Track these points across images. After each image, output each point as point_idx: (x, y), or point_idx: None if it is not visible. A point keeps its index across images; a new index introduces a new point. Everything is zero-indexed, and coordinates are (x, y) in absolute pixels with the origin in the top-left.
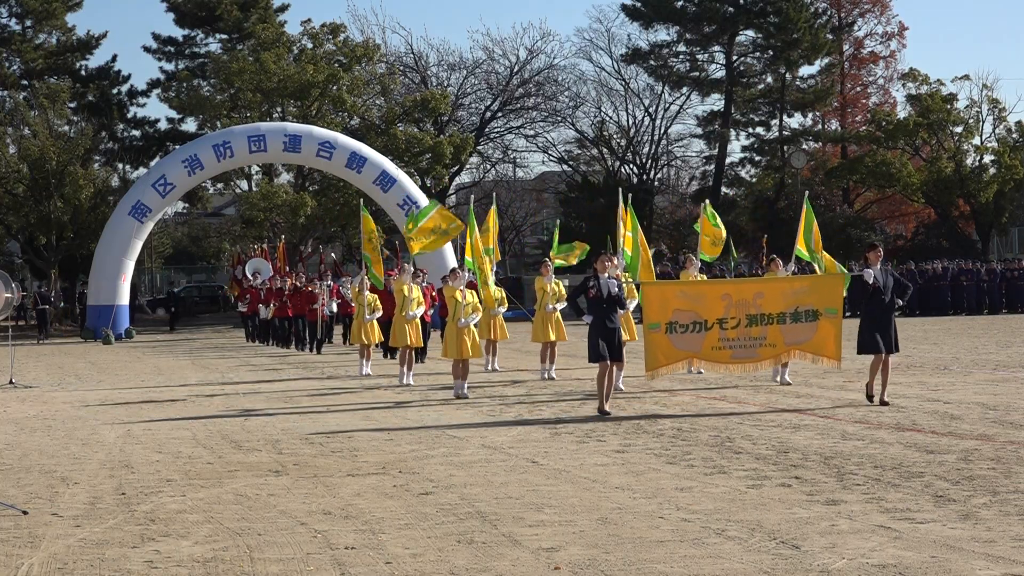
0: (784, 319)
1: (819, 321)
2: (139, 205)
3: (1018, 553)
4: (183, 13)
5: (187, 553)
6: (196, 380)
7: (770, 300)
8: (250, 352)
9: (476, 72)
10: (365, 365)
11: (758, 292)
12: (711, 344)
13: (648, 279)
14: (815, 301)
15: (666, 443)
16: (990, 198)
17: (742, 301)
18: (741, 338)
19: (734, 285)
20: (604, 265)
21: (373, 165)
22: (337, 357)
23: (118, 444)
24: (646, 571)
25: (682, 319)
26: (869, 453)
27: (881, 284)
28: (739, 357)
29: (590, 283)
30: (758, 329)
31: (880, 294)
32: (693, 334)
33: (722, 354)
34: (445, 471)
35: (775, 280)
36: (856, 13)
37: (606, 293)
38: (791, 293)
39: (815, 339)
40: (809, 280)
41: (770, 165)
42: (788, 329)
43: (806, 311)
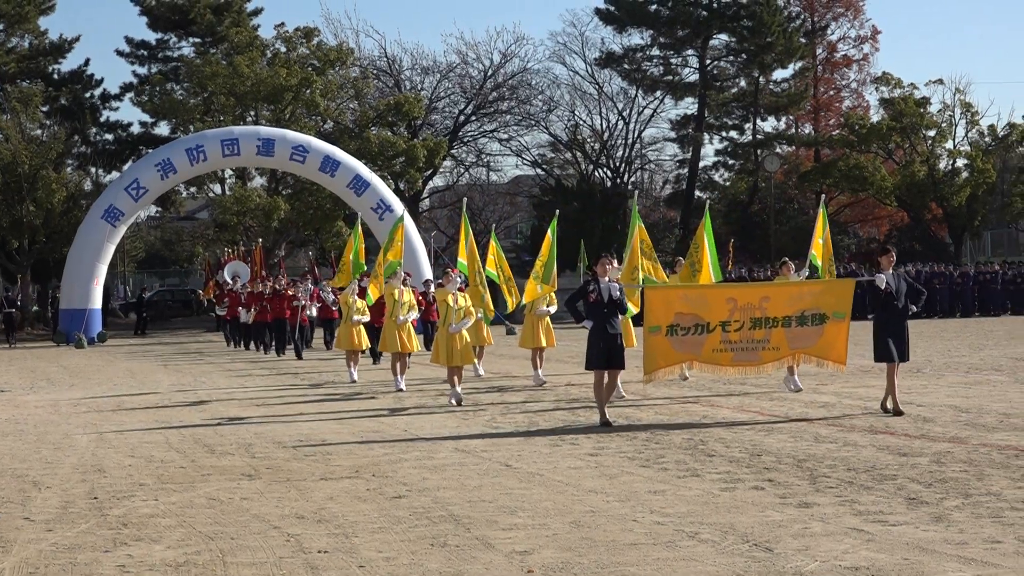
0: (790, 322)
1: (825, 324)
2: (112, 209)
3: (990, 555)
4: (156, 17)
5: (159, 557)
6: (169, 384)
7: (777, 304)
8: (228, 357)
9: (450, 76)
10: (353, 371)
11: (765, 296)
12: (712, 346)
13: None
14: (824, 305)
15: (639, 446)
16: (963, 202)
17: (748, 305)
18: (743, 340)
19: (740, 289)
20: (604, 268)
21: (347, 169)
22: (317, 362)
23: (90, 448)
24: (619, 574)
25: (684, 322)
26: (842, 456)
27: (893, 289)
28: (740, 360)
29: (590, 287)
30: (762, 332)
31: (893, 299)
32: (694, 336)
33: (723, 356)
34: (418, 474)
35: (784, 284)
36: (829, 17)
37: (607, 297)
38: (799, 297)
39: (820, 342)
40: (820, 284)
41: (743, 169)
42: (793, 332)
43: (813, 315)
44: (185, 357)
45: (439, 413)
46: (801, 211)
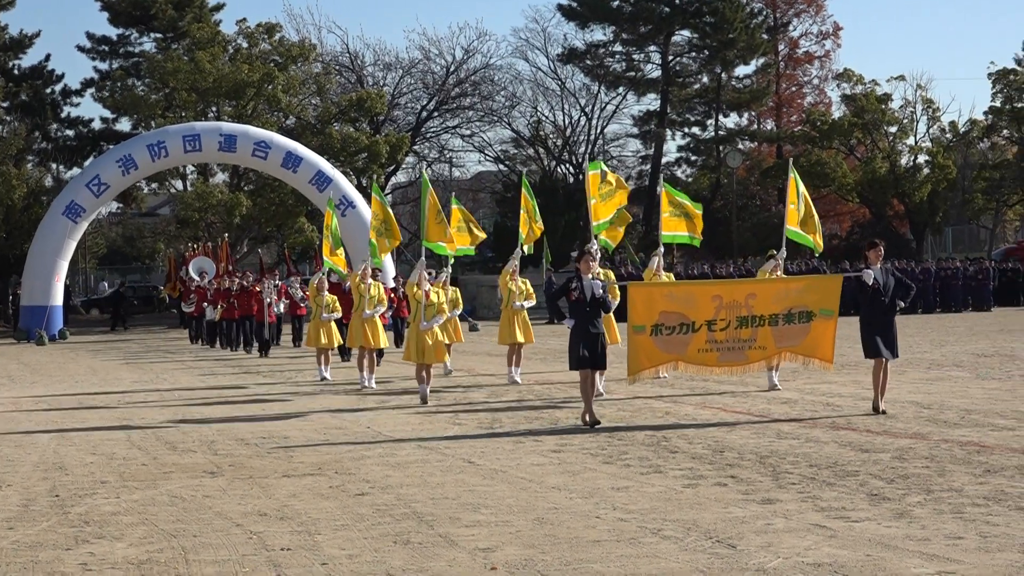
0: (776, 321)
1: (812, 322)
2: (73, 205)
3: (952, 551)
4: (117, 12)
5: (121, 555)
6: (131, 381)
7: (763, 302)
8: (193, 354)
9: (412, 72)
10: (324, 369)
11: (751, 293)
12: (698, 346)
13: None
14: (811, 302)
15: (602, 443)
16: (924, 198)
17: (733, 303)
18: (730, 340)
19: (726, 286)
20: (588, 265)
21: (309, 165)
22: (285, 360)
23: (52, 446)
24: (582, 571)
25: (668, 321)
26: (804, 452)
27: (881, 285)
28: (727, 360)
29: (572, 285)
30: (748, 331)
31: (880, 295)
32: (679, 336)
33: (709, 356)
34: (381, 472)
35: (770, 281)
36: (791, 13)
37: (589, 295)
38: (786, 294)
39: (807, 340)
40: (806, 280)
41: (706, 165)
42: (779, 331)
43: (800, 312)
44: (148, 354)
45: (403, 410)
46: (763, 207)
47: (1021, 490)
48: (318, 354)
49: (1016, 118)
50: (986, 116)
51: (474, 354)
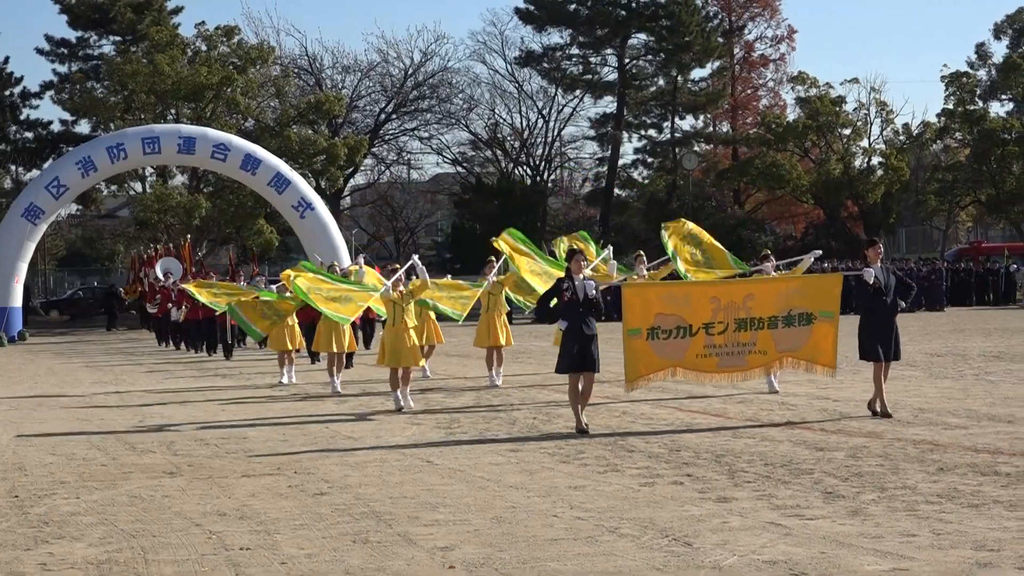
0: (776, 323)
1: (813, 325)
2: (32, 207)
3: (906, 548)
4: (76, 15)
5: (81, 555)
6: (91, 382)
7: (761, 303)
8: (157, 356)
9: (370, 75)
10: (286, 373)
11: (749, 294)
12: (696, 351)
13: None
14: (810, 303)
15: (559, 442)
16: (878, 199)
17: (731, 304)
18: (729, 344)
19: (723, 287)
20: (579, 266)
21: (268, 167)
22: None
23: (11, 446)
24: (540, 569)
25: (665, 323)
26: (759, 451)
27: (883, 284)
28: (726, 365)
29: (564, 285)
30: (747, 334)
31: (881, 295)
32: (677, 340)
33: (708, 362)
34: (340, 471)
35: (768, 280)
36: (747, 17)
37: (582, 296)
38: (784, 294)
39: (809, 345)
40: (803, 280)
41: (662, 167)
42: (780, 334)
43: (799, 314)
44: (107, 356)
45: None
46: (719, 208)
47: (974, 488)
48: (280, 357)
49: (968, 120)
50: (939, 118)
51: (459, 356)
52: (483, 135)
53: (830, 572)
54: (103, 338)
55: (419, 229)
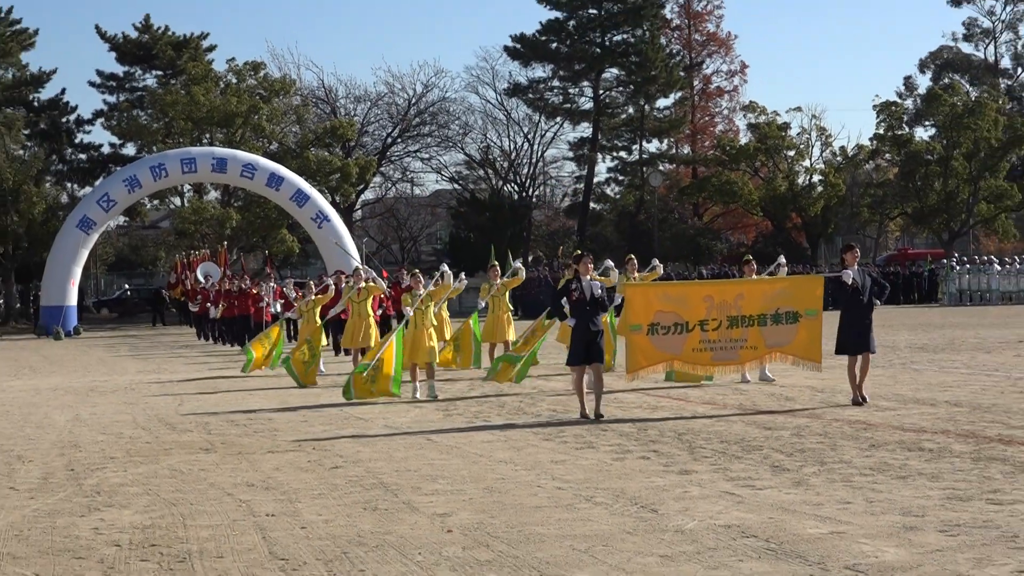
0: (765, 321)
1: (799, 323)
2: (85, 219)
3: (842, 514)
4: (124, 52)
5: (128, 521)
6: (136, 370)
7: (751, 302)
8: (196, 349)
9: (379, 104)
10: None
11: (739, 294)
12: (692, 346)
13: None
14: (795, 303)
15: (543, 422)
16: (818, 212)
17: (723, 303)
18: (722, 340)
19: (716, 287)
20: (586, 267)
21: (289, 184)
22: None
23: (67, 427)
24: (526, 533)
25: (664, 320)
26: (716, 430)
27: (859, 284)
28: (720, 359)
29: (572, 286)
30: (739, 331)
31: (858, 295)
32: (674, 336)
33: (703, 356)
34: (353, 448)
35: (756, 281)
36: (705, 54)
37: (589, 296)
38: (772, 295)
39: (796, 341)
40: (789, 281)
41: (631, 184)
42: (769, 331)
43: (786, 313)
44: (151, 348)
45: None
46: (680, 220)
47: (901, 462)
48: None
49: (896, 143)
50: (871, 141)
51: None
52: (476, 156)
53: (777, 535)
54: (148, 333)
55: (421, 238)
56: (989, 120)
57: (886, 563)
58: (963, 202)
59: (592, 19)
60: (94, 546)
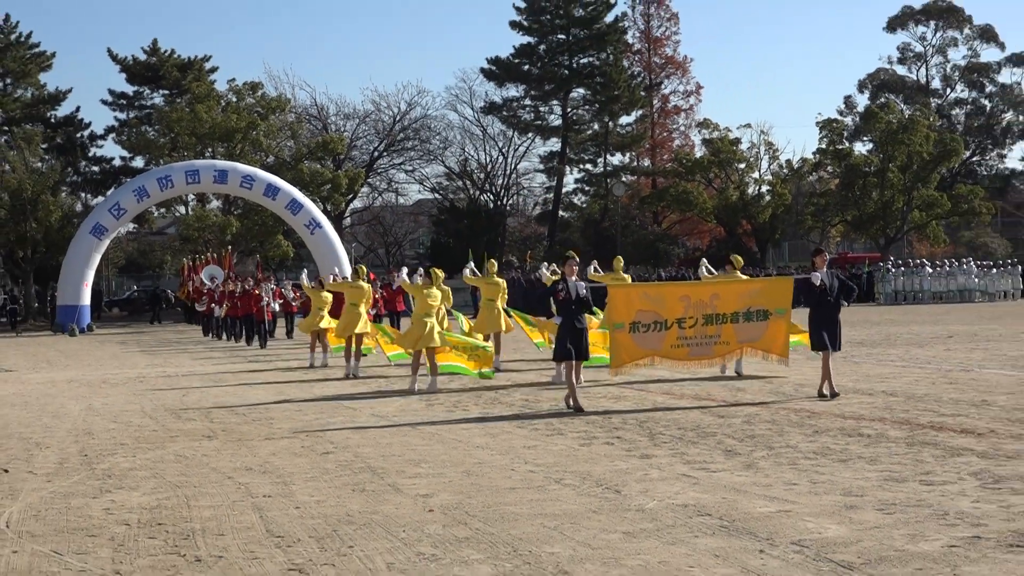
0: (737, 318)
1: (769, 320)
2: (98, 226)
3: (789, 494)
4: (133, 73)
5: (137, 502)
6: (145, 365)
7: (725, 301)
8: (202, 345)
9: (366, 120)
10: (322, 355)
11: (714, 294)
12: (671, 342)
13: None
14: (766, 302)
15: (516, 411)
16: (767, 219)
17: (700, 302)
18: (698, 336)
19: (692, 287)
20: (572, 269)
21: (285, 194)
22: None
23: (81, 416)
24: (501, 512)
25: (644, 319)
26: (674, 418)
27: (827, 286)
28: (696, 354)
29: (559, 286)
30: (713, 328)
31: (826, 295)
32: (654, 333)
33: (681, 351)
34: (343, 434)
35: (731, 282)
36: (663, 75)
37: (575, 295)
38: (746, 294)
39: (765, 337)
40: (762, 283)
41: (597, 193)
42: (740, 328)
43: (757, 311)
44: (159, 345)
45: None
46: (641, 226)
47: (843, 446)
48: (312, 342)
49: (838, 157)
50: (815, 155)
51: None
52: (455, 168)
53: (729, 513)
54: (154, 330)
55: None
56: (921, 136)
57: (828, 539)
58: (898, 210)
59: (561, 44)
60: (105, 525)
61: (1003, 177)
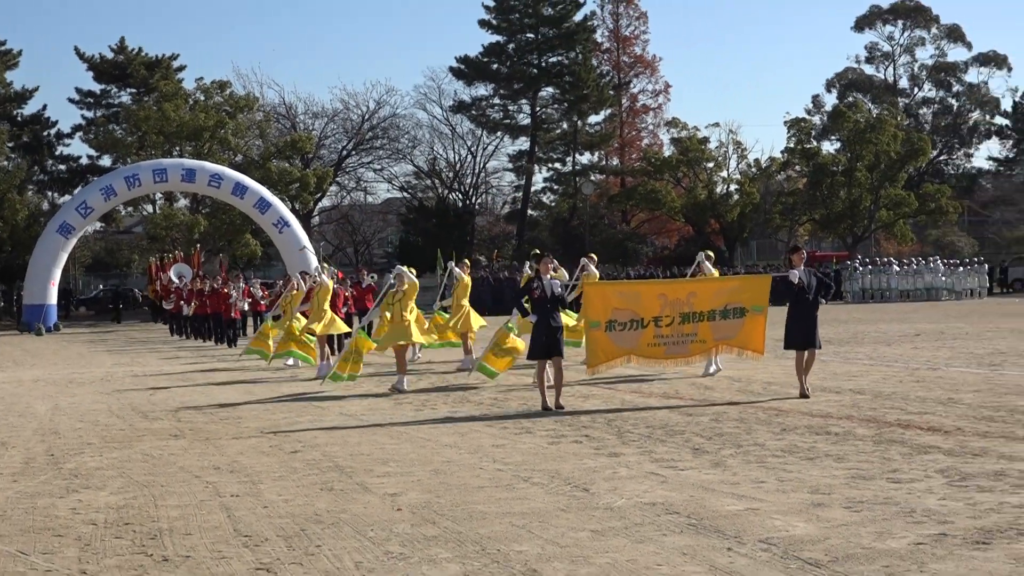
0: (714, 316)
1: (745, 317)
2: (65, 225)
3: (756, 492)
4: (101, 71)
5: (104, 502)
6: (111, 364)
7: (702, 299)
8: (170, 344)
9: (335, 119)
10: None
11: (691, 292)
12: (647, 341)
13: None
14: (744, 299)
15: (484, 410)
16: (735, 217)
17: (676, 300)
18: (674, 335)
19: (669, 285)
20: (547, 267)
21: (253, 193)
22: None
23: (48, 415)
24: (469, 511)
25: (620, 317)
26: (642, 416)
27: (805, 284)
28: (672, 353)
29: (534, 284)
30: (690, 326)
31: (804, 293)
32: (631, 332)
33: (657, 350)
34: (311, 434)
35: (708, 280)
36: (632, 74)
37: (550, 293)
38: (723, 292)
39: (741, 334)
40: (739, 280)
41: (566, 192)
42: (717, 325)
43: (734, 308)
44: (126, 344)
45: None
46: (610, 225)
47: (810, 444)
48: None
49: (805, 156)
50: (782, 154)
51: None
52: (424, 167)
53: (697, 512)
54: (121, 329)
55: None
56: (888, 135)
57: (796, 537)
58: (865, 209)
59: (530, 43)
60: (72, 525)
61: (970, 176)
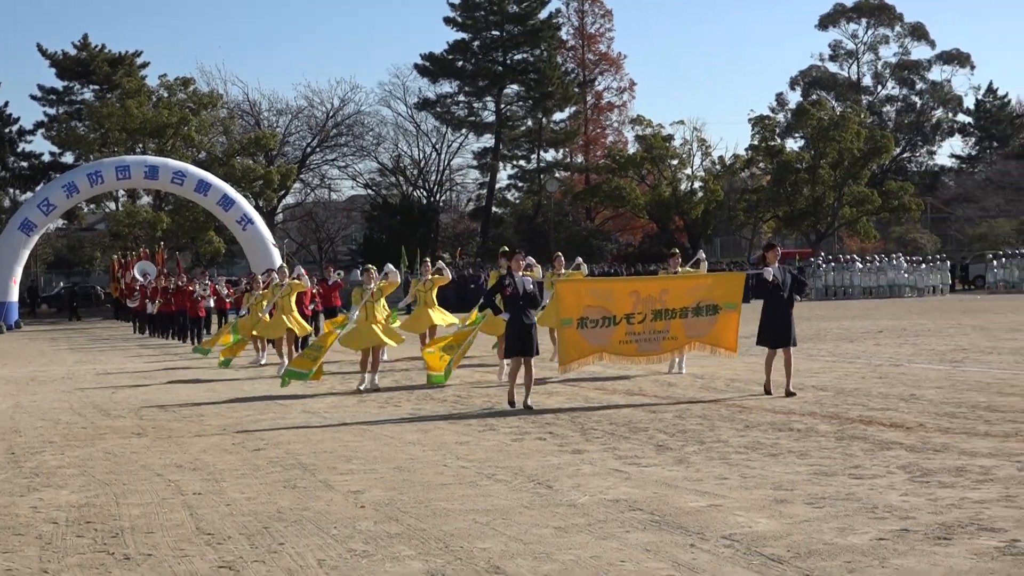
0: (687, 313)
1: (718, 315)
2: (26, 222)
3: (719, 489)
4: (63, 68)
5: (65, 500)
6: (73, 361)
7: (675, 296)
8: (132, 342)
9: (299, 116)
10: (261, 356)
11: (664, 289)
12: (619, 338)
13: None
14: (717, 296)
15: (448, 407)
16: (699, 215)
17: (648, 297)
18: (646, 332)
19: (642, 283)
20: (518, 264)
21: (216, 190)
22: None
23: (8, 413)
24: (433, 508)
25: (592, 315)
26: (606, 413)
27: (780, 281)
28: (644, 350)
29: (506, 281)
30: (662, 323)
31: (779, 290)
32: (602, 329)
33: (629, 347)
34: (273, 431)
35: (681, 277)
36: (597, 72)
37: (522, 291)
38: (695, 289)
39: (713, 331)
40: (712, 277)
41: (530, 190)
42: (689, 323)
43: (707, 306)
44: (89, 341)
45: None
46: (574, 222)
47: (773, 441)
48: (254, 342)
49: (769, 154)
50: (747, 152)
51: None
52: (388, 164)
53: (661, 508)
54: (84, 327)
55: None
56: (852, 132)
57: (759, 532)
58: (829, 206)
59: (495, 40)
60: (33, 523)
61: (932, 174)
